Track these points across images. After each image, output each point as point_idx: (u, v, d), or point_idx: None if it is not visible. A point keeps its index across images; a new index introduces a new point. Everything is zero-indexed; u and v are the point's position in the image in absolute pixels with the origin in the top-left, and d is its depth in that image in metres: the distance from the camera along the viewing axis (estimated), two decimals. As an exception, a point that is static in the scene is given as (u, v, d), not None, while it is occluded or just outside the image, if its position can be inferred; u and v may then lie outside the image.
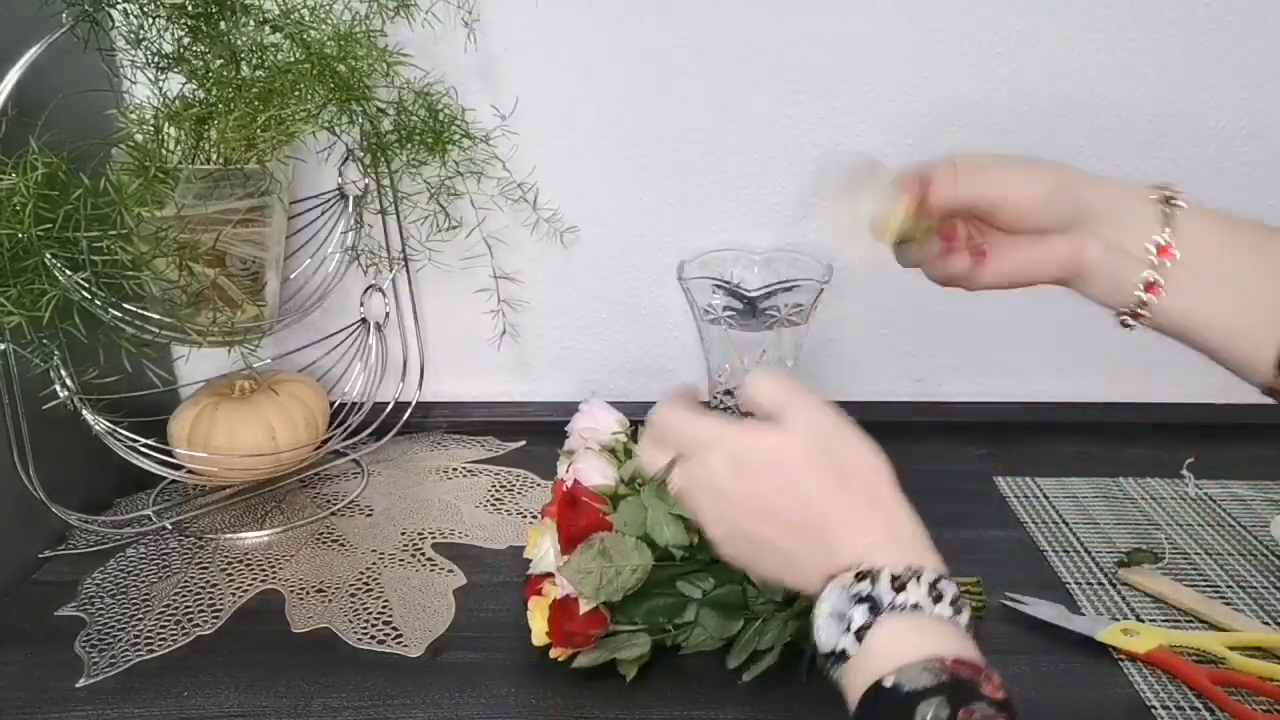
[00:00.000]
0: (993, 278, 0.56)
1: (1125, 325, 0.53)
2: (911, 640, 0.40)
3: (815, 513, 0.45)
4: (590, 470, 0.71)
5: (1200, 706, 0.64)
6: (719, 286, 0.85)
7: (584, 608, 0.64)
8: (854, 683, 0.42)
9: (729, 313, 0.85)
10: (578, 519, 0.67)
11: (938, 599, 0.42)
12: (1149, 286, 0.50)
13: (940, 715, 0.37)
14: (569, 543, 0.66)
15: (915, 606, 0.41)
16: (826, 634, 0.43)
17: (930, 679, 0.38)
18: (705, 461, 0.48)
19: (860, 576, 0.42)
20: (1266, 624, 0.71)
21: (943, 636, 0.41)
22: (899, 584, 0.42)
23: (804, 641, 0.67)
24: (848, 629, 0.42)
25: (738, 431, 0.48)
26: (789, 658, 0.66)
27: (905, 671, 0.39)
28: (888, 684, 0.39)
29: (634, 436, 0.76)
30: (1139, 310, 0.52)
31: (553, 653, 0.66)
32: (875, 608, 0.42)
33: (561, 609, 0.65)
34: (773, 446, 0.47)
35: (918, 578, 0.42)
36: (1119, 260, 0.51)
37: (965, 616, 0.43)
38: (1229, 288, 0.50)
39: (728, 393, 0.89)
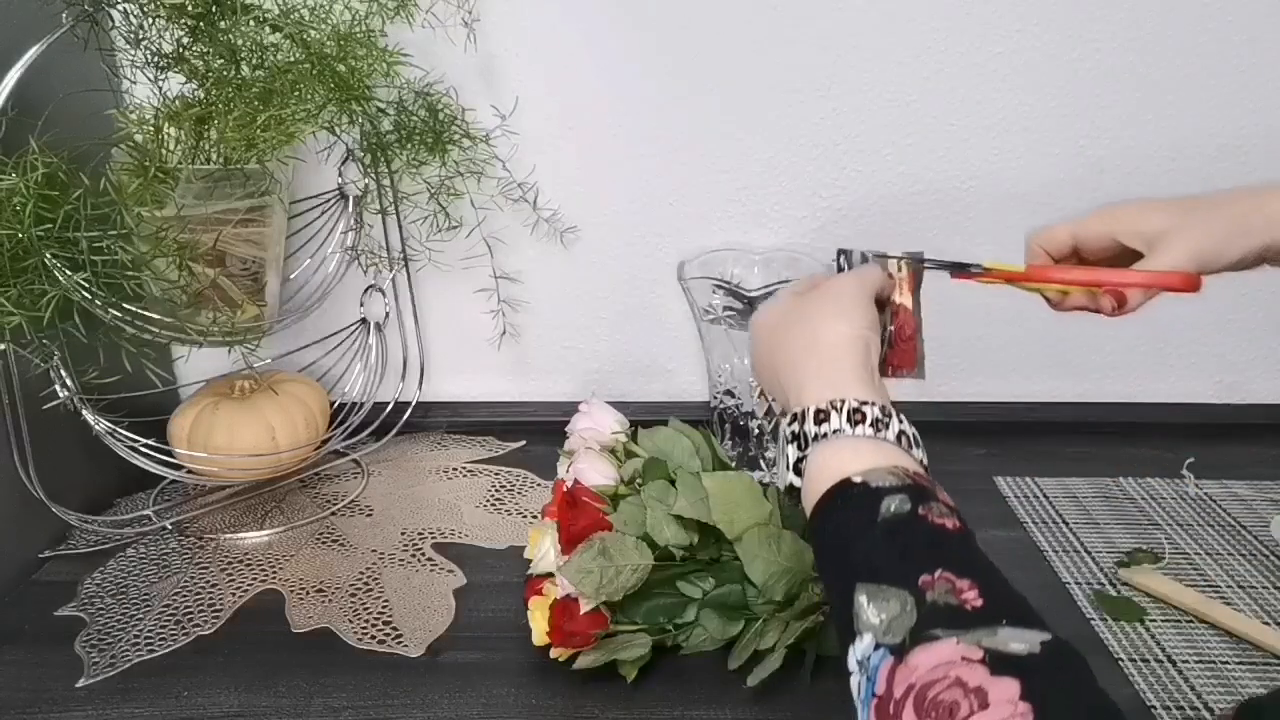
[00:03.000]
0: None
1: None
2: (847, 456, 0.46)
3: (782, 356, 0.53)
4: (590, 470, 0.71)
5: (1200, 706, 0.64)
6: (719, 286, 0.85)
7: (584, 607, 0.64)
8: (806, 502, 0.47)
9: (729, 313, 0.85)
10: (578, 519, 0.67)
11: (857, 417, 0.47)
12: None
13: (902, 509, 0.42)
14: (569, 542, 0.66)
15: (839, 431, 0.47)
16: (781, 475, 0.50)
17: (895, 480, 0.44)
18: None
19: (792, 419, 0.49)
20: (1266, 624, 0.71)
21: (880, 450, 0.46)
22: (821, 416, 0.48)
23: (806, 643, 0.67)
24: (788, 466, 0.48)
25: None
26: (791, 659, 0.66)
27: (873, 473, 0.44)
28: (856, 480, 0.44)
29: (634, 437, 0.76)
30: None
31: (553, 653, 0.66)
32: (804, 441, 0.48)
33: (562, 609, 0.65)
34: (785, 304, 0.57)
35: (839, 405, 0.48)
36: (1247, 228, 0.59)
37: (893, 430, 0.48)
38: None
39: (728, 393, 0.89)
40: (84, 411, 0.80)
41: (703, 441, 0.75)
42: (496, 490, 0.94)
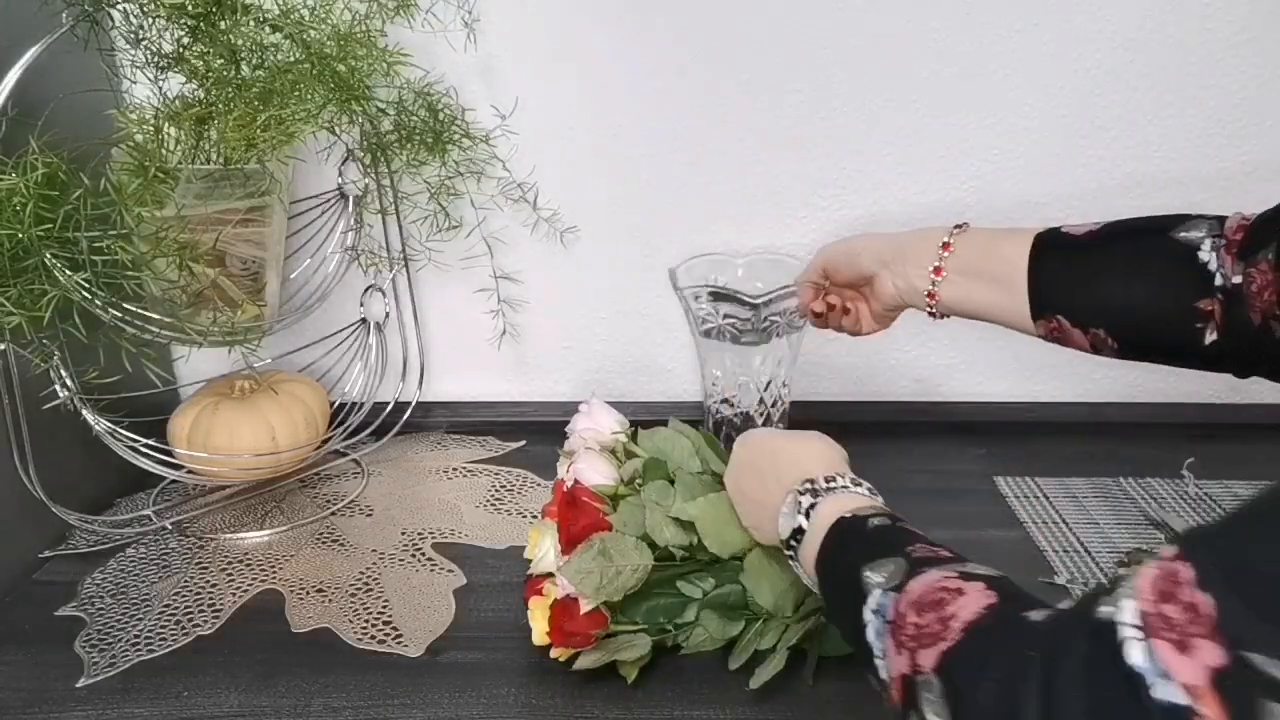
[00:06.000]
0: (868, 321, 0.80)
1: (932, 317, 0.74)
2: (849, 503, 0.57)
3: (773, 464, 0.64)
4: (590, 470, 0.71)
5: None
6: (721, 296, 0.84)
7: (584, 608, 0.64)
8: (810, 543, 0.57)
9: (729, 320, 0.85)
10: (578, 519, 0.67)
11: (857, 485, 0.59)
12: (929, 295, 0.72)
13: (885, 523, 0.54)
14: (569, 543, 0.66)
15: (844, 488, 0.59)
16: (786, 524, 0.59)
17: (875, 512, 0.56)
18: (735, 449, 0.70)
19: (804, 482, 0.60)
20: None
21: (870, 500, 0.58)
22: (830, 480, 0.59)
23: (807, 644, 0.67)
24: (799, 511, 0.58)
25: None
26: (792, 659, 0.66)
27: (860, 510, 0.56)
28: (847, 515, 0.56)
29: (634, 437, 0.76)
30: (931, 309, 0.73)
31: (553, 653, 0.66)
32: (817, 494, 0.59)
33: (562, 609, 0.65)
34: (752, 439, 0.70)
35: (843, 475, 0.60)
36: (912, 283, 0.73)
37: (880, 499, 0.59)
38: (986, 279, 0.69)
39: (725, 401, 0.89)
40: (84, 411, 0.80)
41: (702, 442, 0.75)
42: (496, 490, 0.94)
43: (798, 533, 0.58)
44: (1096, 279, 0.65)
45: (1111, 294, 0.65)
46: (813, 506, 0.58)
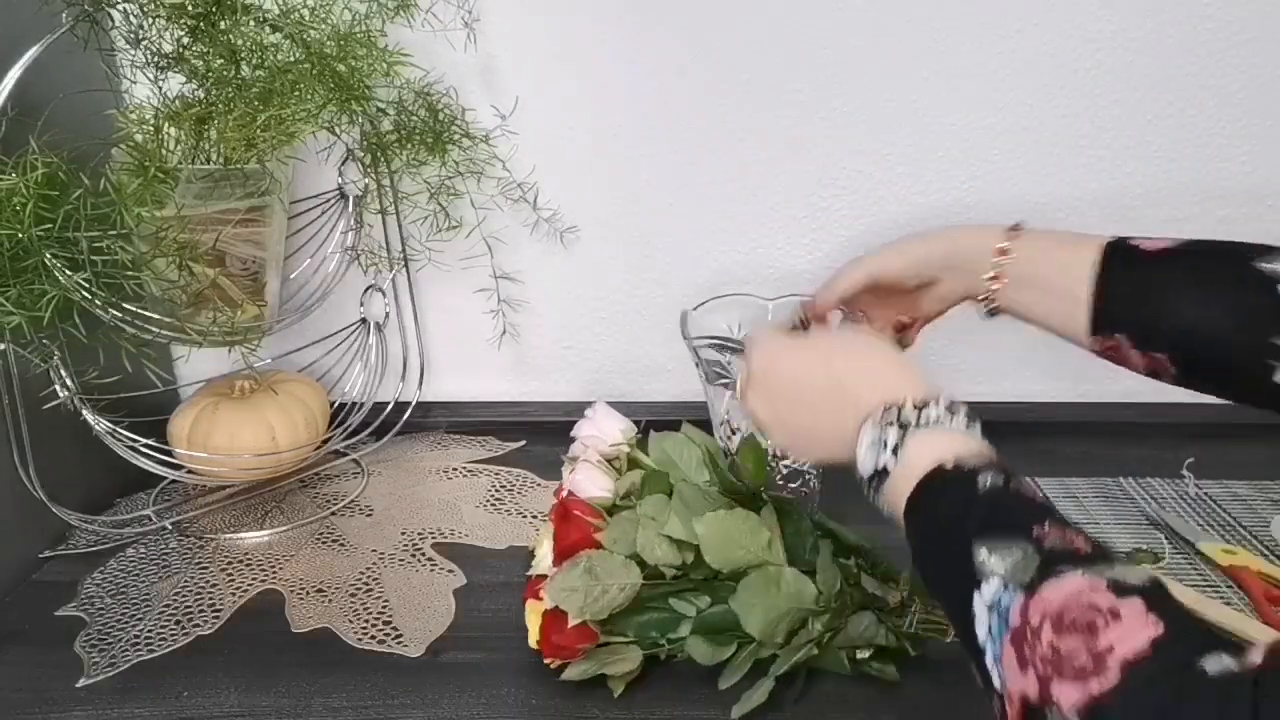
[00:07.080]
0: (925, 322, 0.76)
1: (992, 315, 0.71)
2: (949, 445, 0.49)
3: (835, 378, 0.55)
4: (587, 482, 0.71)
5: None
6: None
7: (572, 622, 0.64)
8: (898, 487, 0.49)
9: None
10: (569, 533, 0.67)
11: (953, 413, 0.51)
12: (988, 299, 0.69)
13: (997, 481, 0.46)
14: (561, 556, 0.66)
15: (938, 422, 0.50)
16: (867, 461, 0.51)
17: (983, 461, 0.48)
18: (750, 360, 0.61)
19: (888, 409, 0.51)
20: (1266, 623, 0.71)
21: (970, 440, 0.50)
22: (921, 406, 0.50)
23: (796, 671, 0.66)
24: (885, 448, 0.50)
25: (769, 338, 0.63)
26: (786, 678, 0.65)
27: (963, 457, 0.48)
28: (949, 465, 0.48)
29: (644, 439, 0.75)
30: (990, 312, 0.71)
31: (545, 660, 0.66)
32: (905, 425, 0.50)
33: (551, 620, 0.64)
34: (787, 349, 0.60)
35: (936, 400, 0.51)
36: (973, 287, 0.70)
37: (978, 427, 0.51)
38: (1044, 288, 0.66)
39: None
40: (84, 411, 0.80)
41: (717, 450, 0.73)
42: (496, 490, 0.94)
43: (881, 473, 0.50)
44: (1164, 299, 0.61)
45: (1178, 315, 0.61)
46: (900, 444, 0.49)
